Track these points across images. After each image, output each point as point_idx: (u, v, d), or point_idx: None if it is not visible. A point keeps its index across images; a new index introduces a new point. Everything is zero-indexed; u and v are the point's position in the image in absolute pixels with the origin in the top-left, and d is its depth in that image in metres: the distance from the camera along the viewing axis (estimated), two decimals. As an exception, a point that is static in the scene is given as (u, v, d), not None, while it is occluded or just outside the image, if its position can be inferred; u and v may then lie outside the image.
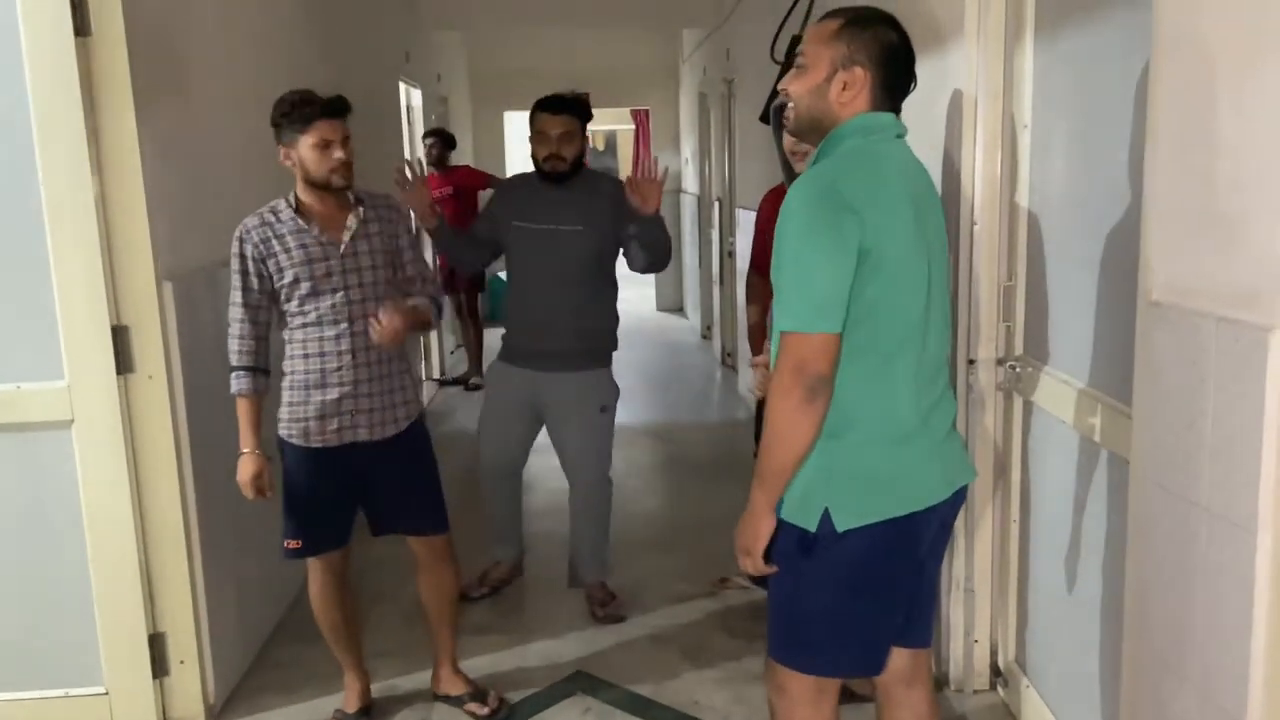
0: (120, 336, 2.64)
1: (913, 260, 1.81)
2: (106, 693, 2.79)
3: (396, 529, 2.78)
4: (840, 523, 1.80)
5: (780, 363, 1.76)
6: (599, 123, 7.76)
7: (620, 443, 3.59)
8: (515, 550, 3.72)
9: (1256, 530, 1.43)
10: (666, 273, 9.02)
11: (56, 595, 2.77)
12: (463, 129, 9.03)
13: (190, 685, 2.83)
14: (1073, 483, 2.33)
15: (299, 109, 2.48)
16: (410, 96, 6.92)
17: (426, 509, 2.78)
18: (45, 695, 2.79)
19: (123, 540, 2.71)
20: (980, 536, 2.75)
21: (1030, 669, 2.68)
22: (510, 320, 3.48)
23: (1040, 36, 2.45)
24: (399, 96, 6.48)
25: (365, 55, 5.42)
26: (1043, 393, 2.46)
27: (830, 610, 1.88)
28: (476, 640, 3.29)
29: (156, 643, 2.80)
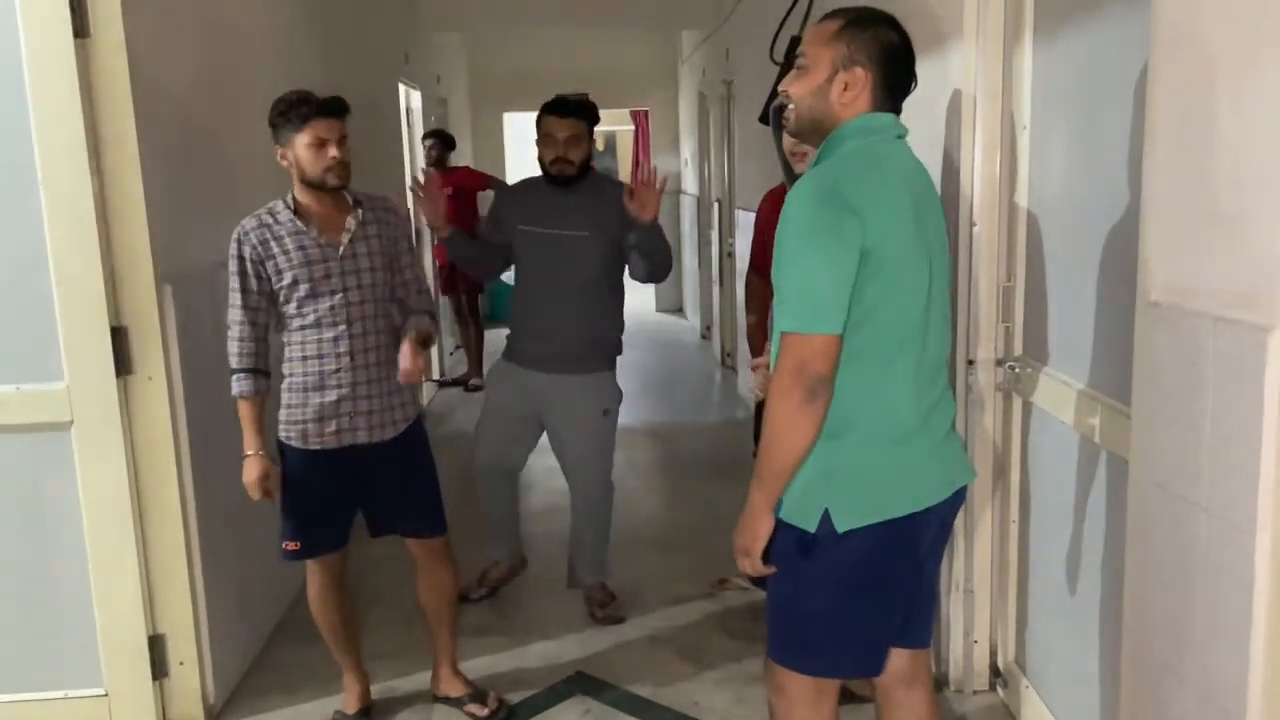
0: (119, 338, 2.64)
1: (914, 261, 1.81)
2: (106, 694, 2.79)
3: (395, 530, 2.78)
4: (840, 523, 1.80)
5: (780, 363, 1.76)
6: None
7: (620, 443, 3.58)
8: (511, 550, 3.70)
9: (1256, 530, 1.43)
10: (666, 273, 9.00)
11: (56, 597, 2.77)
12: (462, 130, 9.03)
13: (190, 686, 2.84)
14: (1072, 483, 2.33)
15: (295, 108, 2.49)
16: (410, 98, 6.91)
17: (425, 511, 2.78)
18: (45, 697, 2.79)
19: (122, 542, 2.71)
20: (980, 537, 2.75)
21: (1030, 669, 2.68)
22: (515, 323, 3.48)
23: (1039, 36, 2.45)
24: (398, 98, 6.48)
25: (365, 57, 5.42)
26: (1042, 393, 2.46)
27: (830, 611, 1.88)
28: (476, 641, 3.29)
29: (156, 644, 2.80)
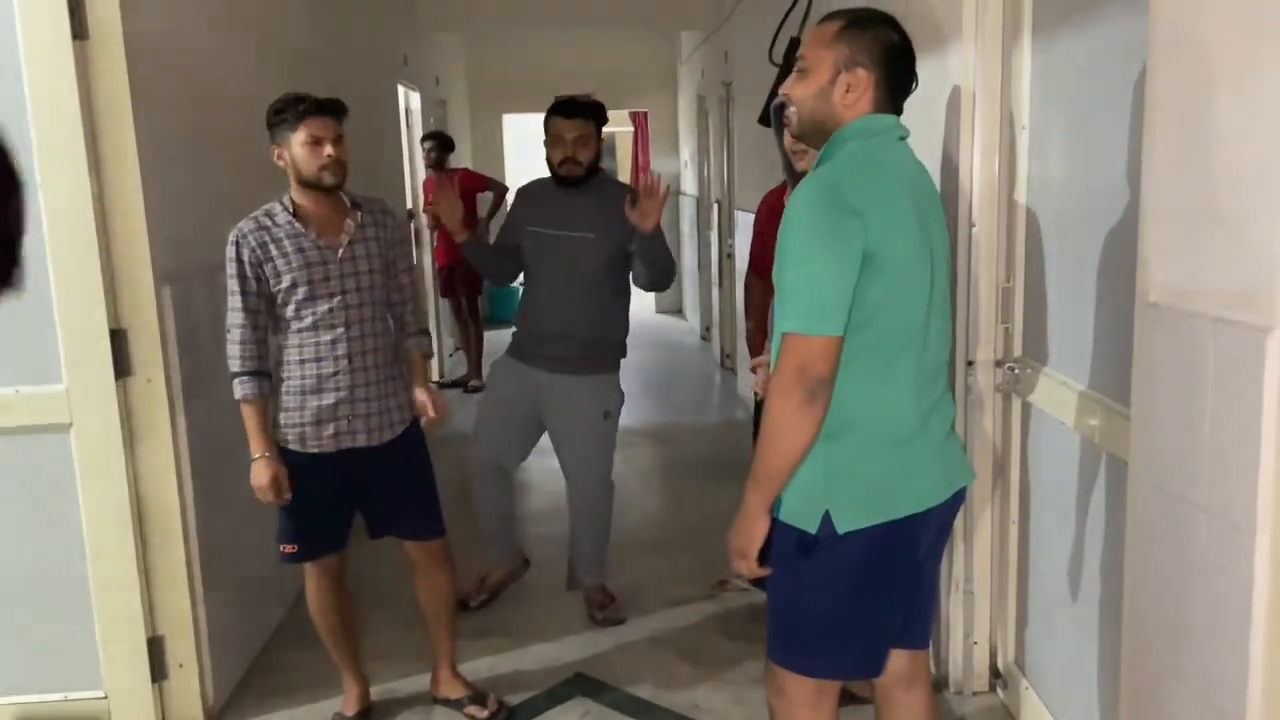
0: (118, 340, 2.64)
1: (915, 263, 1.81)
2: (105, 696, 2.79)
3: (392, 532, 2.78)
4: (841, 524, 1.80)
5: (781, 364, 1.76)
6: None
7: (620, 444, 3.58)
8: (511, 551, 3.69)
9: (1255, 531, 1.43)
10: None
11: (55, 598, 2.76)
12: (461, 132, 9.03)
13: (189, 688, 2.83)
14: (1072, 484, 2.33)
15: (291, 106, 2.49)
16: (409, 99, 6.92)
17: (422, 513, 2.77)
18: (44, 699, 2.79)
19: (122, 543, 2.70)
20: (979, 538, 2.75)
21: (1030, 670, 2.68)
22: (521, 322, 3.47)
23: (1038, 36, 2.45)
24: (397, 99, 6.49)
25: (363, 58, 5.42)
26: (1041, 394, 2.46)
27: (830, 612, 1.88)
28: (476, 643, 3.29)
29: (155, 646, 2.79)
